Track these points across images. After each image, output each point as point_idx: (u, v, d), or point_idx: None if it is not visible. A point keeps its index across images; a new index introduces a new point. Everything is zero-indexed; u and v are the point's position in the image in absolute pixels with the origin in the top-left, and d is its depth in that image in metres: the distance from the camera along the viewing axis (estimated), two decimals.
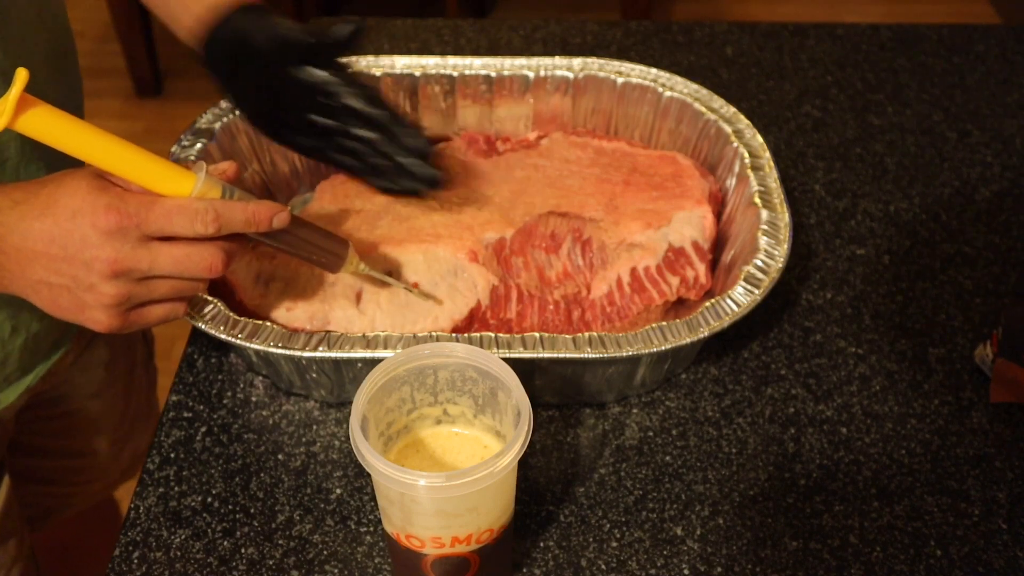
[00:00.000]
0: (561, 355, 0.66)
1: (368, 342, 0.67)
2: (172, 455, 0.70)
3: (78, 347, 0.84)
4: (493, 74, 0.88)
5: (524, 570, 0.64)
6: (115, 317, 0.61)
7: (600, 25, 1.12)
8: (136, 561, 0.64)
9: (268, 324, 0.68)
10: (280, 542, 0.65)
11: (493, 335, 0.67)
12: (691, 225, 0.77)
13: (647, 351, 0.66)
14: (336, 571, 0.64)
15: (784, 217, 0.75)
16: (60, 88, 0.75)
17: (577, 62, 0.88)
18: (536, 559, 0.65)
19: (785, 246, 0.73)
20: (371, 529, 0.66)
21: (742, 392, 0.74)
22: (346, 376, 0.70)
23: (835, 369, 0.76)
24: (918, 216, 0.89)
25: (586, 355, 0.66)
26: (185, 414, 0.73)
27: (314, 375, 0.70)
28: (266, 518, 0.66)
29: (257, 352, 0.68)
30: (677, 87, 0.87)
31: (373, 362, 0.65)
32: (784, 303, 0.81)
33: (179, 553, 0.65)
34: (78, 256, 0.58)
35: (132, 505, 0.67)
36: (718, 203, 0.82)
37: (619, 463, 0.70)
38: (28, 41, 0.70)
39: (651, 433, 0.72)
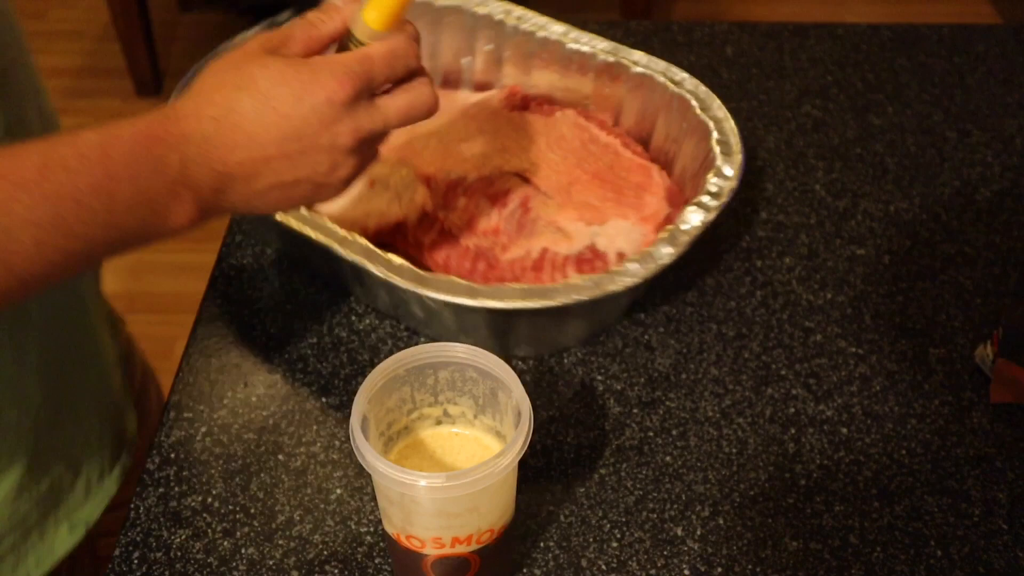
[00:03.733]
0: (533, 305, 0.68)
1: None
2: (172, 455, 0.70)
3: None
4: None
5: (524, 570, 0.64)
6: (348, 186, 0.58)
7: (600, 25, 1.12)
8: (136, 561, 0.64)
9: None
10: (280, 542, 0.65)
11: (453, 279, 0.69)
12: (625, 236, 0.78)
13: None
14: (336, 571, 0.64)
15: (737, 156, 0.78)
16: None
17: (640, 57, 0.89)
18: (536, 559, 0.65)
19: (739, 156, 0.77)
20: (371, 529, 0.66)
21: (742, 392, 0.74)
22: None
23: (835, 369, 0.76)
24: (918, 216, 0.89)
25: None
26: (185, 414, 0.73)
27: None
28: (266, 518, 0.66)
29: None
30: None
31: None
32: (784, 303, 0.81)
33: (179, 553, 0.64)
34: (318, 142, 0.54)
35: (132, 505, 0.67)
36: (678, 203, 0.83)
37: (619, 463, 0.70)
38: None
39: (651, 433, 0.72)
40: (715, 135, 0.80)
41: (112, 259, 0.53)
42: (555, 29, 0.90)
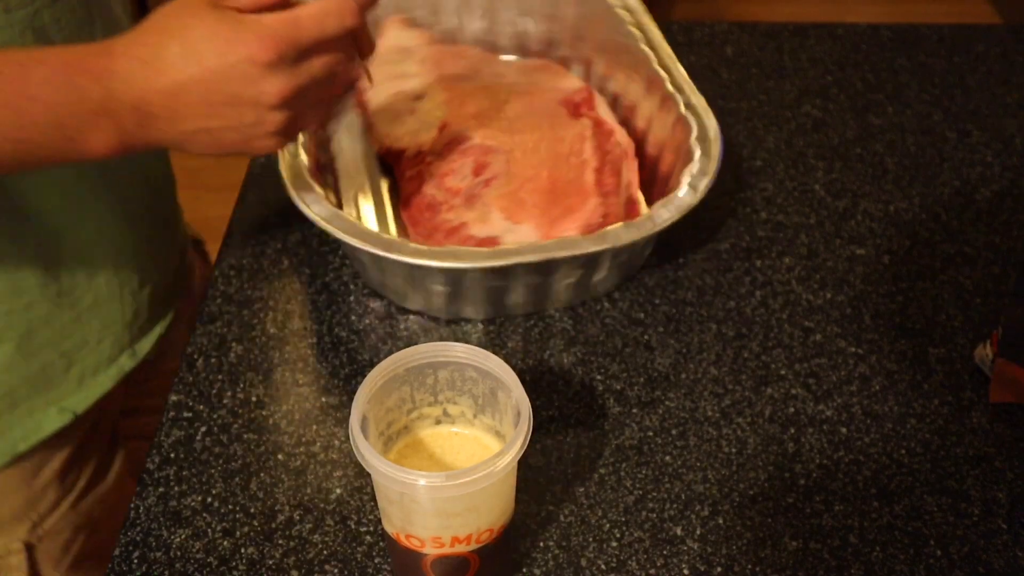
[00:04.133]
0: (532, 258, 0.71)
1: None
2: (172, 455, 0.70)
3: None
4: None
5: (524, 570, 0.64)
6: (282, 137, 0.61)
7: None
8: (136, 561, 0.64)
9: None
10: (280, 542, 0.65)
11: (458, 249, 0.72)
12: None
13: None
14: (336, 571, 0.64)
15: (712, 124, 0.81)
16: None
17: None
18: (536, 559, 0.65)
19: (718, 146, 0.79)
20: (371, 529, 0.66)
21: (742, 392, 0.74)
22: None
23: (835, 369, 0.76)
24: (918, 216, 0.89)
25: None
26: (185, 414, 0.73)
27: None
28: (266, 518, 0.66)
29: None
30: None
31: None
32: (784, 303, 0.81)
33: (179, 553, 0.65)
34: (242, 96, 0.56)
35: (132, 505, 0.67)
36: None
37: (619, 463, 0.70)
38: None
39: (651, 433, 0.72)
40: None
41: (31, 170, 0.58)
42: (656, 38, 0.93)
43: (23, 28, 0.64)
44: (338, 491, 0.68)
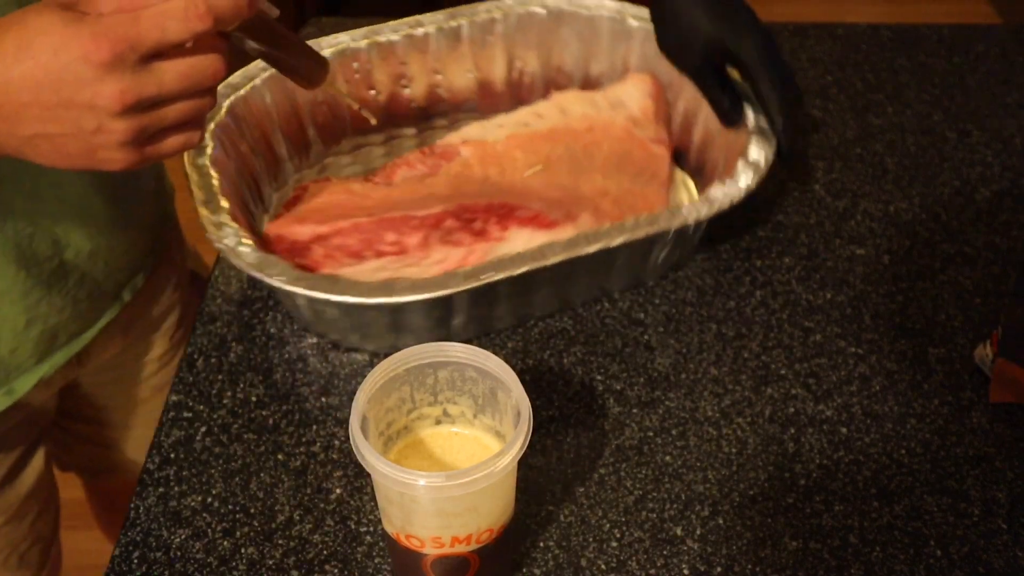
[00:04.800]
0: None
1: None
2: (172, 455, 0.70)
3: (103, 338, 0.84)
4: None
5: (524, 570, 0.64)
6: (131, 153, 0.55)
7: None
8: (136, 561, 0.64)
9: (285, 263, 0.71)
10: (280, 542, 0.65)
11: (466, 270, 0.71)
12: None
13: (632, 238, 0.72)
14: (336, 571, 0.64)
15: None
16: None
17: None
18: (536, 559, 0.65)
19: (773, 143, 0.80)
20: (371, 529, 0.66)
21: (742, 392, 0.74)
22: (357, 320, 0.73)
23: (835, 369, 0.76)
24: (918, 216, 0.89)
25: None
26: (185, 414, 0.73)
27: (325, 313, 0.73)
28: (266, 518, 0.66)
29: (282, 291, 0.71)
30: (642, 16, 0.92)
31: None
32: (784, 303, 0.81)
33: (179, 553, 0.65)
34: (76, 98, 0.52)
35: (132, 505, 0.67)
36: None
37: (619, 463, 0.70)
38: None
39: (651, 433, 0.72)
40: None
41: None
42: None
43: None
44: (338, 491, 0.68)
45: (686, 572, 0.64)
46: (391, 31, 0.91)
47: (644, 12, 0.90)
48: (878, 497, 0.68)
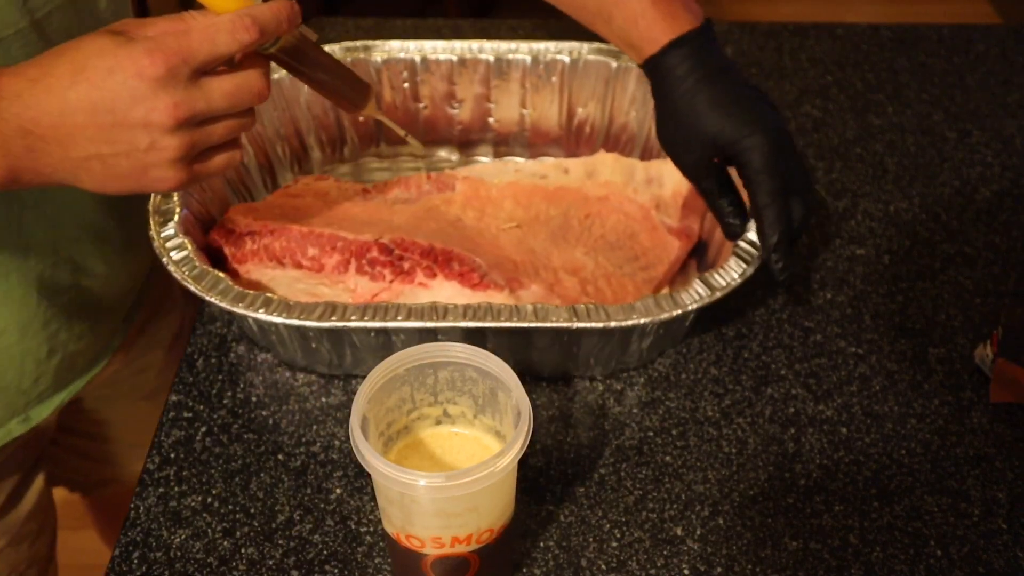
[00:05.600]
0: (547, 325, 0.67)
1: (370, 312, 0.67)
2: (172, 455, 0.70)
3: (115, 361, 0.84)
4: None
5: (524, 570, 0.64)
6: (182, 171, 0.56)
7: None
8: (136, 561, 0.64)
9: (271, 295, 0.68)
10: (280, 542, 0.65)
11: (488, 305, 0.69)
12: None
13: (631, 323, 0.67)
14: (336, 571, 0.64)
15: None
16: None
17: (569, 46, 0.89)
18: (536, 559, 0.65)
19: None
20: (371, 529, 0.66)
21: (742, 392, 0.74)
22: (346, 347, 0.71)
23: (835, 369, 0.76)
24: (918, 216, 0.89)
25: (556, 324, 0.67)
26: (185, 414, 0.73)
27: (313, 345, 0.71)
28: (266, 518, 0.66)
29: (260, 323, 0.69)
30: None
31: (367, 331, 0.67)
32: (784, 303, 0.81)
33: (179, 553, 0.65)
34: (131, 115, 0.53)
35: (132, 505, 0.67)
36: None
37: (619, 463, 0.70)
38: None
39: (651, 433, 0.72)
40: None
41: None
42: None
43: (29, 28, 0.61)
44: (338, 491, 0.68)
45: (686, 572, 0.64)
46: (445, 51, 0.88)
47: None
48: (878, 497, 0.68)
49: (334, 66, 0.67)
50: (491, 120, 0.91)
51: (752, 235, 0.72)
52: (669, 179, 0.84)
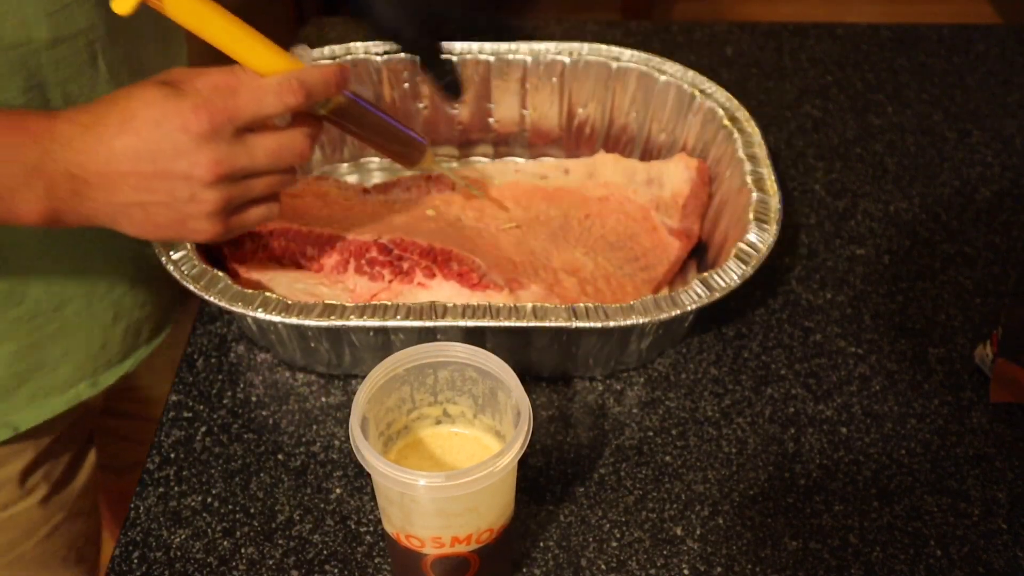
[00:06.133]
0: (545, 324, 0.67)
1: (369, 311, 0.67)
2: (172, 455, 0.70)
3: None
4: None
5: (524, 570, 0.64)
6: (219, 224, 0.58)
7: (600, 25, 1.12)
8: (136, 561, 0.64)
9: (270, 294, 0.68)
10: (280, 542, 0.65)
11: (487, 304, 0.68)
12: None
13: (629, 323, 0.67)
14: (336, 571, 0.64)
15: (775, 200, 0.75)
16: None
17: (571, 47, 0.88)
18: (536, 559, 0.65)
19: (775, 226, 0.73)
20: (371, 529, 0.66)
21: (742, 392, 0.74)
22: (345, 346, 0.71)
23: (835, 369, 0.76)
24: (918, 216, 0.89)
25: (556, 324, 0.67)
26: (185, 414, 0.73)
27: (312, 345, 0.71)
28: (266, 518, 0.66)
29: (259, 322, 0.69)
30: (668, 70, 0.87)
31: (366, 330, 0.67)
32: (784, 303, 0.81)
33: (179, 553, 0.65)
34: (173, 167, 0.54)
35: (132, 505, 0.67)
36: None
37: (619, 463, 0.70)
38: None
39: (651, 433, 0.72)
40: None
41: None
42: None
43: (15, 67, 0.62)
44: (338, 491, 0.68)
45: (686, 572, 0.64)
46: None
47: (713, 87, 0.85)
48: (878, 497, 0.68)
49: (387, 126, 0.67)
50: (491, 120, 0.91)
51: (753, 236, 0.72)
52: (669, 180, 0.83)
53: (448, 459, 0.61)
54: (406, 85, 0.89)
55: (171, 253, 0.70)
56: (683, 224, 0.82)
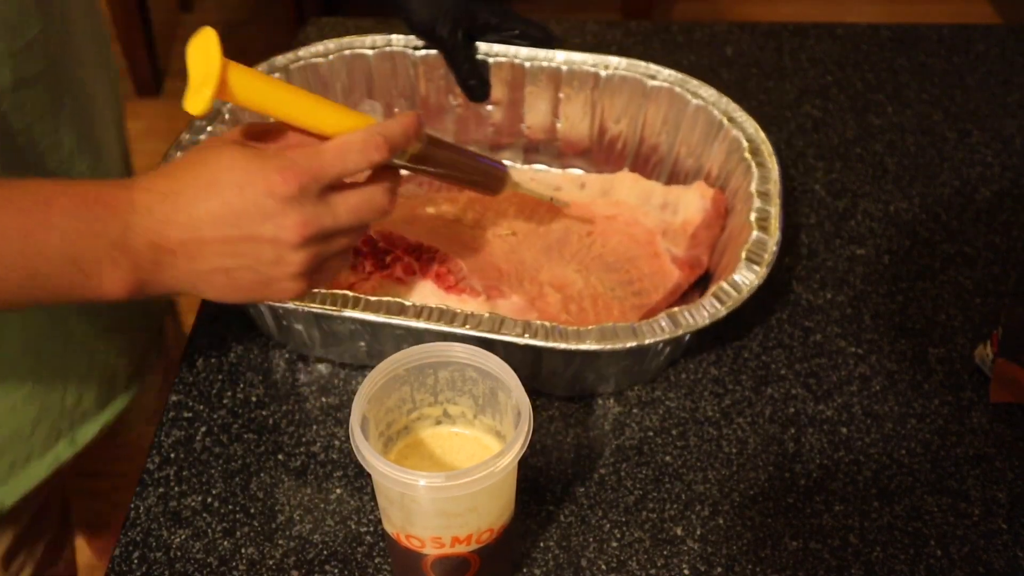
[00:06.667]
0: (554, 345, 0.66)
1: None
2: (172, 455, 0.70)
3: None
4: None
5: (524, 570, 0.64)
6: (303, 283, 0.57)
7: (600, 25, 1.12)
8: (136, 561, 0.64)
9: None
10: (280, 542, 0.65)
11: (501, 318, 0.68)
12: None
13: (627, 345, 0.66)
14: (336, 571, 0.64)
15: (772, 242, 0.72)
16: (105, 78, 0.74)
17: (611, 60, 0.87)
18: (536, 559, 0.65)
19: (764, 269, 0.71)
20: (371, 529, 0.66)
21: (742, 392, 0.74)
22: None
23: (835, 369, 0.76)
24: (918, 216, 0.89)
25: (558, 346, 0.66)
26: (185, 414, 0.73)
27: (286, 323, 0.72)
28: (266, 518, 0.66)
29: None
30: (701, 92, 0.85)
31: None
32: (784, 303, 0.81)
33: (179, 553, 0.65)
34: (259, 232, 0.53)
35: (132, 505, 0.67)
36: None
37: (619, 463, 0.70)
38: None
39: (651, 433, 0.72)
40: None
41: (39, 305, 0.54)
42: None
43: None
44: (338, 491, 0.68)
45: (686, 572, 0.64)
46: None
47: (743, 116, 0.82)
48: (878, 497, 0.68)
49: (464, 162, 0.67)
50: (523, 126, 0.90)
51: (739, 276, 0.70)
52: (684, 207, 0.82)
53: (448, 459, 0.61)
54: (442, 81, 0.89)
55: None
56: (689, 253, 0.80)
